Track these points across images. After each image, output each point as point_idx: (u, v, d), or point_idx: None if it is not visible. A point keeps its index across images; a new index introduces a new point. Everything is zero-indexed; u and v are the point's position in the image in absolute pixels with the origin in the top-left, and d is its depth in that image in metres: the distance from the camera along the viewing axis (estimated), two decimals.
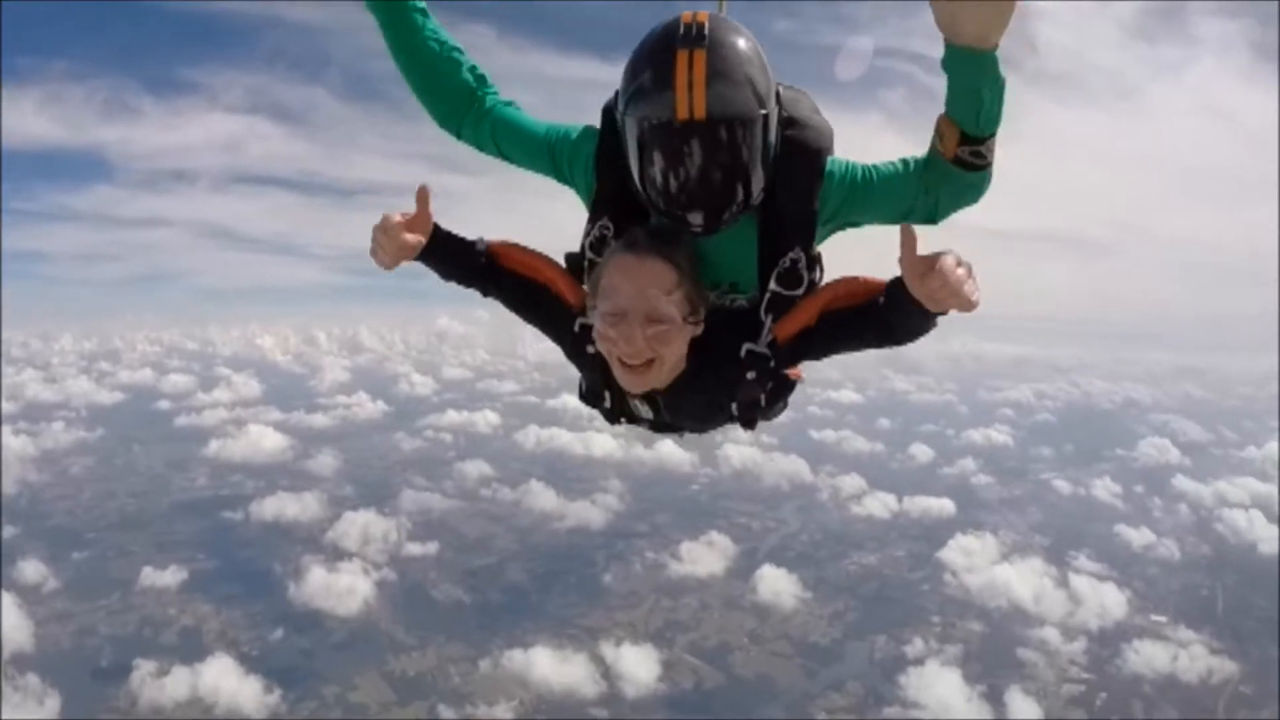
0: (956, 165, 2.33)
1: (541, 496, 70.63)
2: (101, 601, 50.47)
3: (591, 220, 2.63)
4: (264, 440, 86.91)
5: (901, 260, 2.08)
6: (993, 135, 2.28)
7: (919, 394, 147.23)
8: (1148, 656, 48.79)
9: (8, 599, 47.98)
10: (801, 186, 2.48)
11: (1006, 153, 2.37)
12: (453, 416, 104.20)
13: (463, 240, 2.69)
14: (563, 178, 2.71)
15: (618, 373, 2.48)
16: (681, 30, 2.22)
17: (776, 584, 55.44)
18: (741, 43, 2.26)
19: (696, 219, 2.38)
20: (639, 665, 45.95)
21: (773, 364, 2.58)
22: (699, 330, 2.47)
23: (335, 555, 56.99)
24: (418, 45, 2.60)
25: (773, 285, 2.55)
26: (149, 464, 79.91)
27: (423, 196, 2.50)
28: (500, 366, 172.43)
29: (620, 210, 2.57)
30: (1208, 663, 48.25)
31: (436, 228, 2.60)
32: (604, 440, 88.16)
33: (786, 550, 62.34)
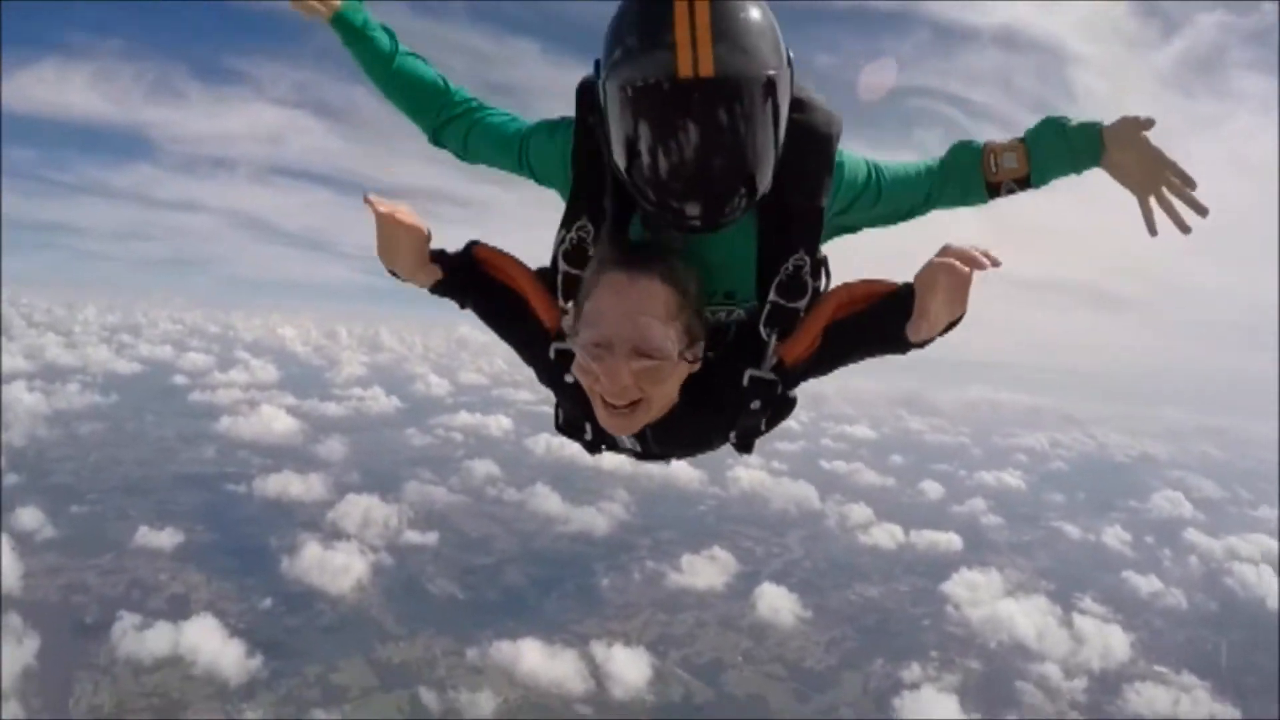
0: (988, 188, 2.32)
1: (547, 500, 70.26)
2: (94, 560, 50.20)
3: (566, 223, 2.20)
4: (275, 422, 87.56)
5: None
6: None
7: (933, 434, 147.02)
8: (1149, 699, 48.15)
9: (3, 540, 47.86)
10: (810, 178, 2.10)
11: (1036, 202, 2.41)
12: (465, 418, 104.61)
13: (445, 250, 2.32)
14: (539, 177, 2.33)
15: (599, 413, 2.09)
16: None
17: (776, 604, 54.78)
18: None
19: (694, 210, 1.94)
20: (629, 667, 45.44)
21: (780, 390, 2.24)
22: (696, 367, 2.09)
23: (333, 535, 56.91)
24: (396, 64, 2.48)
25: (773, 296, 2.17)
26: (159, 434, 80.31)
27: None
28: (517, 376, 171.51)
29: (600, 210, 2.17)
30: (1210, 708, 47.49)
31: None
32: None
33: (789, 575, 61.58)
